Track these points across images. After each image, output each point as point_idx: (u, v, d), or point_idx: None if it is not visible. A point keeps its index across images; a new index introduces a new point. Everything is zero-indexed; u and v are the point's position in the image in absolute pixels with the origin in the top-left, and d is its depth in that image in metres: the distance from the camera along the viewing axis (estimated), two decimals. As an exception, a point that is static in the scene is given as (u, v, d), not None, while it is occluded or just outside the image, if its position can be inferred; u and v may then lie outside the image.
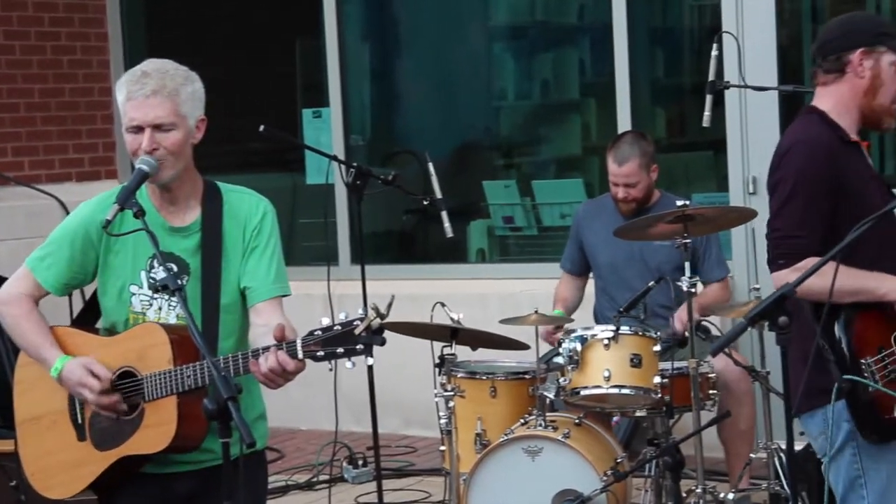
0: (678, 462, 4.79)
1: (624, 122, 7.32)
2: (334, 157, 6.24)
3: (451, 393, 5.55)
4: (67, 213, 7.80)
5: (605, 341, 5.30)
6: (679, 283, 5.28)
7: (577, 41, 8.52)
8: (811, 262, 3.62)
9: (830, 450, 3.83)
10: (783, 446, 5.50)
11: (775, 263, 3.83)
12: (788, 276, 3.65)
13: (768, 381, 5.61)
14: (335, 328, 3.33)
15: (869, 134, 5.16)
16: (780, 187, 3.85)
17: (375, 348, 3.36)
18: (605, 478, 5.07)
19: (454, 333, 5.58)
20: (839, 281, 3.57)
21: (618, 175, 6.02)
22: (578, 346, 5.33)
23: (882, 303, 3.79)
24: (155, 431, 3.52)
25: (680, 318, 5.57)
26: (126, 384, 3.56)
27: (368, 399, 5.39)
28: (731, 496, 5.61)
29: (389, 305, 3.40)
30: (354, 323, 3.32)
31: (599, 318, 6.08)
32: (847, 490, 3.88)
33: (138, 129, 3.55)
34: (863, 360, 3.76)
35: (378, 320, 3.32)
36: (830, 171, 3.79)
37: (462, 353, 5.72)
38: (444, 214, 5.82)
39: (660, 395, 5.26)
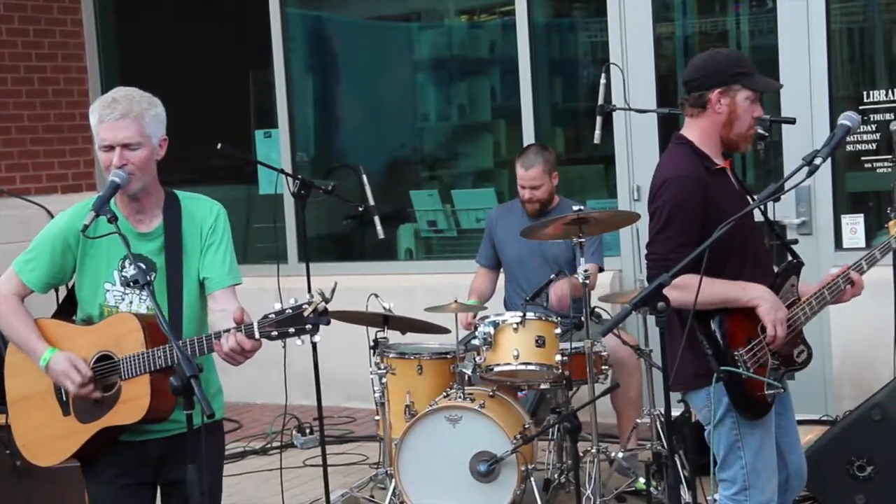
0: (576, 427, 4.80)
1: (529, 140, 7.33)
2: (282, 171, 6.18)
3: (384, 371, 5.54)
4: (53, 220, 7.75)
5: (514, 325, 5.31)
6: (575, 276, 5.31)
7: (489, 72, 8.51)
8: (688, 279, 3.63)
9: (713, 421, 3.87)
10: (664, 412, 5.59)
11: (651, 281, 3.86)
12: (669, 292, 3.56)
13: (651, 357, 5.65)
14: (287, 311, 3.31)
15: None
16: (656, 217, 3.87)
17: (322, 329, 3.35)
18: (514, 441, 5.08)
19: (386, 320, 5.58)
20: (712, 292, 3.64)
21: (524, 178, 6.03)
22: (492, 330, 5.33)
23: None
24: (131, 405, 3.48)
25: (555, 292, 5.58)
26: (105, 365, 3.52)
27: (314, 376, 5.36)
28: (620, 455, 5.65)
29: (333, 290, 3.39)
30: (303, 306, 3.30)
31: (509, 306, 6.08)
32: (728, 452, 3.92)
33: (110, 148, 3.51)
34: (735, 352, 3.80)
35: (324, 303, 3.31)
36: (699, 200, 3.80)
37: (393, 336, 5.72)
38: (377, 219, 5.80)
39: (560, 371, 5.28)
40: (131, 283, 3.50)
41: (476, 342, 5.44)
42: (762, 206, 3.77)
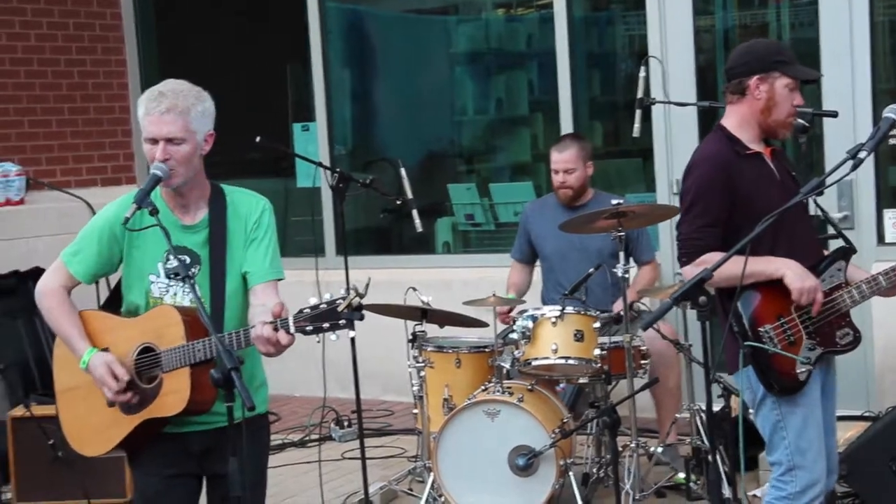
0: (615, 421, 4.79)
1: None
2: (321, 164, 6.21)
3: (423, 364, 5.56)
4: (94, 213, 7.78)
5: (553, 319, 5.30)
6: (615, 270, 5.30)
7: (527, 65, 8.51)
8: (709, 256, 3.79)
9: (755, 402, 3.93)
10: (703, 407, 5.57)
11: (681, 260, 3.97)
12: (692, 270, 3.83)
13: (690, 352, 5.63)
14: (321, 306, 3.33)
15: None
16: (684, 198, 4.00)
17: (357, 324, 3.37)
18: (553, 435, 5.08)
19: (424, 314, 5.58)
20: (735, 268, 3.65)
21: (558, 161, 6.02)
22: (530, 324, 5.33)
23: (778, 280, 3.85)
24: (172, 398, 3.51)
25: (617, 306, 5.61)
26: (147, 358, 3.55)
27: (352, 370, 5.37)
28: (659, 449, 5.63)
29: (367, 286, 3.42)
30: (337, 301, 3.32)
31: (546, 300, 6.08)
32: (772, 433, 3.97)
33: (154, 141, 3.52)
34: (761, 329, 3.81)
35: (358, 299, 3.32)
36: (723, 183, 3.90)
37: (431, 330, 5.72)
38: (415, 213, 5.80)
39: (599, 365, 5.27)
40: (174, 276, 3.52)
41: (514, 336, 5.44)
42: (806, 200, 3.77)
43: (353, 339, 5.16)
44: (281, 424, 7.32)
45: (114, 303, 3.78)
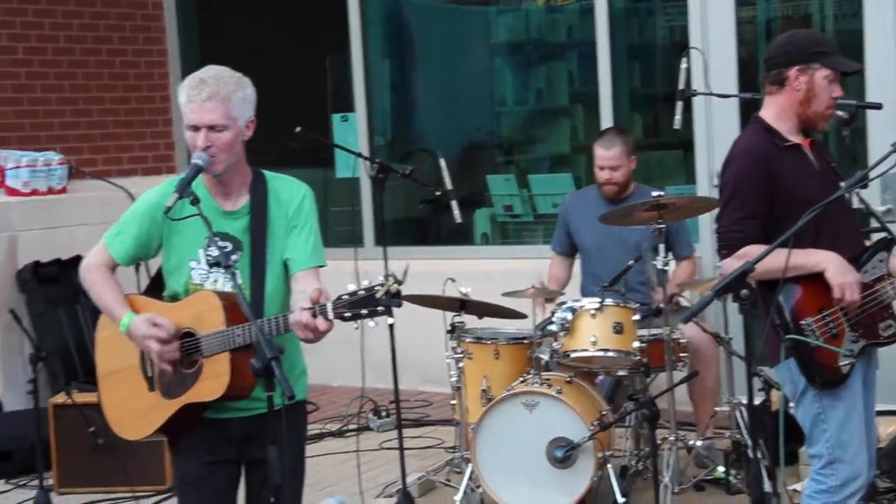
0: (654, 414, 4.77)
1: (607, 125, 7.28)
2: (360, 155, 6.21)
3: (461, 355, 5.55)
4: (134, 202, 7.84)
5: (592, 311, 5.29)
6: (654, 262, 5.27)
7: (567, 56, 8.48)
8: (750, 249, 3.77)
9: (796, 395, 3.91)
10: (743, 401, 5.55)
11: (721, 253, 3.96)
12: (732, 262, 3.82)
13: (730, 345, 5.60)
14: (360, 293, 3.33)
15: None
16: (723, 191, 3.98)
17: (395, 314, 3.36)
18: (591, 427, 5.06)
19: (463, 305, 5.58)
20: (777, 261, 3.64)
21: (604, 159, 5.99)
22: (569, 316, 5.31)
23: (819, 273, 3.82)
24: (212, 382, 3.52)
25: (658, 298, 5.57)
26: (187, 342, 3.56)
27: (390, 360, 5.37)
28: (698, 443, 5.61)
29: (405, 273, 3.41)
30: (376, 288, 3.32)
31: (585, 292, 6.05)
32: (812, 426, 3.94)
33: (195, 129, 3.53)
34: (803, 322, 3.79)
35: (396, 285, 3.32)
36: (762, 175, 3.88)
37: (469, 321, 5.71)
38: (454, 203, 5.78)
39: (638, 357, 5.25)
40: (214, 264, 3.53)
41: (553, 328, 5.42)
42: (849, 193, 3.74)
43: (391, 327, 5.17)
44: (319, 414, 7.33)
45: (155, 289, 3.79)
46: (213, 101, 3.49)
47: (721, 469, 5.46)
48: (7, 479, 6.38)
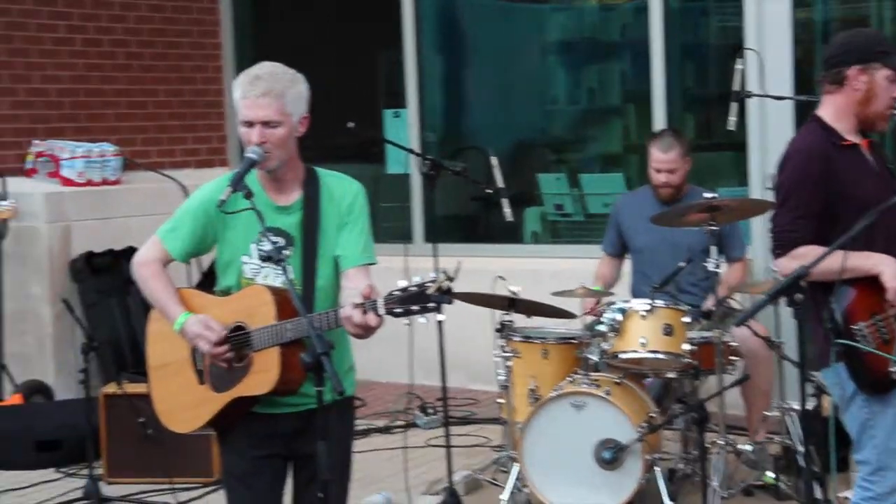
0: (704, 417, 4.73)
1: (659, 125, 7.24)
2: (413, 151, 6.21)
3: (509, 354, 5.53)
4: (187, 194, 7.86)
5: (643, 313, 5.25)
6: (705, 264, 5.23)
7: (620, 55, 8.44)
8: (804, 249, 3.74)
9: (844, 400, 3.86)
10: (794, 406, 5.49)
11: (775, 252, 3.91)
12: (786, 262, 3.79)
13: (782, 349, 5.55)
14: (411, 289, 3.32)
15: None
16: (779, 191, 3.93)
17: (446, 311, 3.36)
18: (640, 429, 5.02)
19: (512, 303, 5.56)
20: (832, 263, 3.60)
21: (662, 161, 5.94)
22: (619, 316, 5.28)
23: (873, 277, 3.78)
24: (262, 377, 3.52)
25: (709, 302, 5.54)
26: (238, 336, 3.57)
27: (438, 357, 5.36)
28: (748, 447, 5.56)
29: (457, 270, 3.39)
30: (427, 284, 3.31)
31: (636, 293, 6.01)
32: (860, 432, 3.89)
33: (249, 124, 3.54)
34: (854, 326, 3.74)
35: (447, 282, 3.30)
36: (819, 175, 3.83)
37: (518, 320, 5.70)
38: (505, 202, 5.77)
39: (688, 360, 5.21)
40: (267, 259, 3.53)
41: (602, 328, 5.39)
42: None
43: (440, 324, 5.16)
44: (366, 410, 7.34)
45: (206, 283, 3.81)
46: (267, 97, 3.50)
47: (770, 474, 5.41)
48: (57, 468, 6.44)
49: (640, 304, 5.28)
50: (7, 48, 7.74)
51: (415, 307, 3.31)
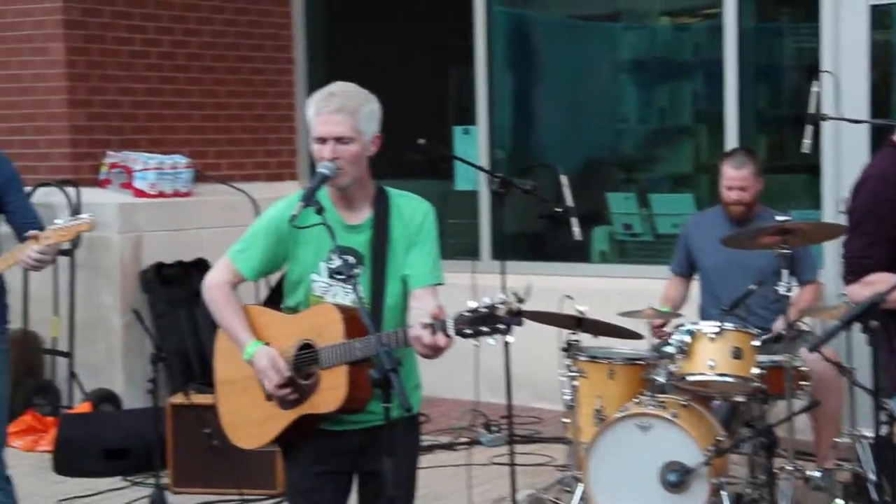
0: (772, 442, 4.69)
1: (731, 146, 7.18)
2: (483, 168, 6.22)
3: (575, 373, 5.51)
4: (257, 207, 7.96)
5: (711, 335, 5.21)
6: (777, 287, 5.18)
7: (692, 74, 8.39)
8: (877, 276, 3.71)
9: None
10: (865, 433, 5.41)
11: (846, 278, 3.89)
12: (858, 289, 3.78)
13: (853, 375, 5.47)
14: (481, 309, 3.32)
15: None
16: (852, 215, 3.91)
17: (514, 329, 3.34)
18: (707, 452, 4.98)
19: (579, 323, 5.54)
20: None
21: (734, 179, 5.91)
22: (688, 338, 5.24)
23: None
24: (329, 395, 3.54)
25: (779, 326, 5.49)
26: (306, 354, 3.59)
27: (503, 374, 5.35)
28: (817, 474, 5.48)
29: (527, 291, 3.39)
30: (497, 305, 3.30)
31: (704, 315, 5.97)
32: None
33: (322, 141, 3.56)
34: None
35: (518, 304, 3.30)
36: (894, 200, 3.78)
37: (584, 339, 5.67)
38: (574, 220, 5.76)
39: (757, 384, 5.15)
40: (336, 276, 3.55)
41: (670, 350, 5.36)
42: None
43: (506, 343, 5.15)
44: (430, 426, 7.33)
45: (274, 300, 3.83)
46: (341, 113, 3.53)
47: (839, 501, 5.33)
48: (124, 476, 6.51)
49: (709, 327, 5.24)
50: (85, 60, 7.85)
51: (484, 328, 3.31)
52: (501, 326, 3.31)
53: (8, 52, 7.97)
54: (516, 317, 3.30)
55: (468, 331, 3.33)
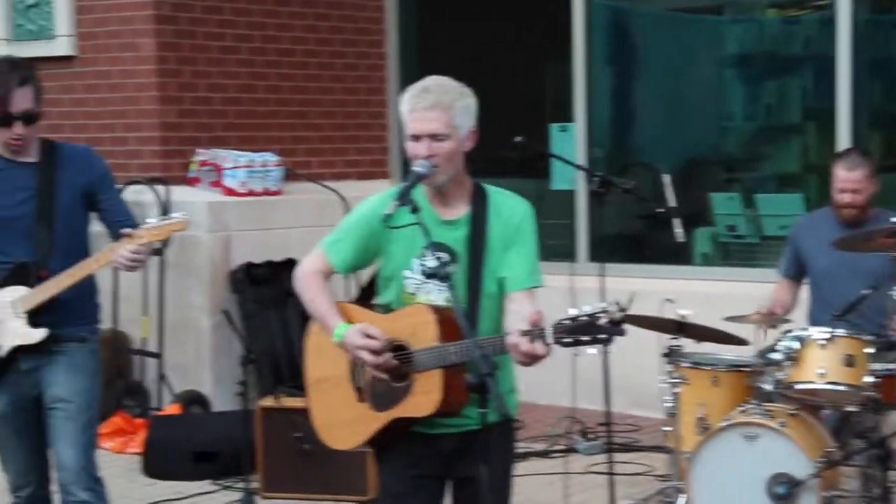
0: (887, 454, 4.60)
1: (842, 144, 7.08)
2: (582, 167, 6.19)
3: (677, 380, 5.47)
4: (347, 206, 8.01)
5: (822, 342, 5.12)
6: (892, 292, 5.08)
7: (801, 69, 8.28)
8: None
9: None
10: None
11: None
12: None
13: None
14: (581, 318, 3.29)
15: None
16: None
17: (615, 339, 3.31)
18: (817, 464, 4.90)
19: (681, 327, 5.48)
20: None
21: (847, 181, 5.81)
22: (796, 345, 5.16)
23: None
24: (423, 398, 3.54)
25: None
26: (399, 356, 3.59)
27: (600, 380, 5.33)
28: (934, 489, 5.37)
29: (630, 301, 3.36)
30: (599, 315, 3.28)
31: (814, 321, 5.86)
32: None
33: (417, 138, 3.57)
34: None
35: (620, 313, 3.27)
36: None
37: (686, 344, 5.62)
38: (677, 221, 5.71)
39: (870, 393, 5.06)
40: (430, 275, 3.55)
41: (778, 357, 5.28)
42: None
43: (606, 352, 5.12)
44: (525, 432, 7.31)
45: (365, 298, 3.85)
46: (435, 109, 3.53)
47: (958, 519, 5.21)
48: (214, 480, 6.58)
49: (819, 333, 5.15)
50: (175, 56, 7.96)
51: (584, 338, 3.29)
52: (602, 336, 3.28)
53: (98, 48, 8.10)
54: (618, 327, 3.27)
55: (567, 340, 3.31)
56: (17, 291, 4.44)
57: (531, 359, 3.36)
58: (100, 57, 8.11)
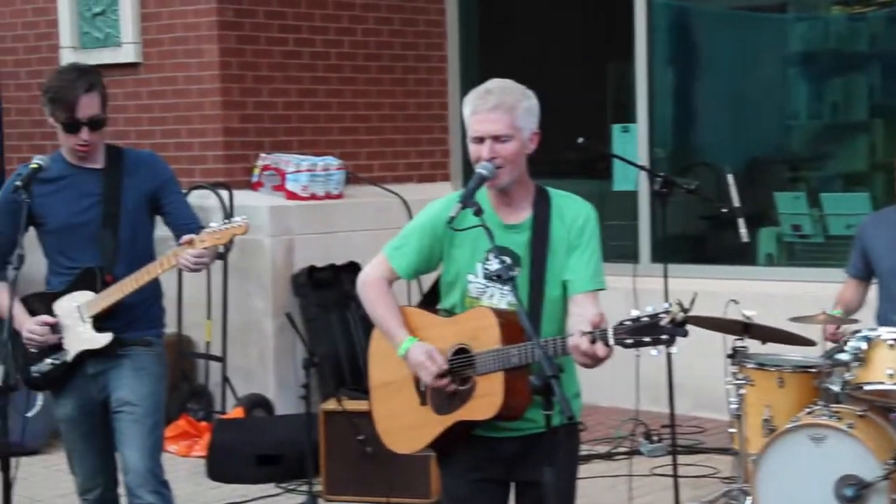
0: (957, 457, 4.53)
1: (910, 142, 6.99)
2: (644, 168, 6.17)
3: (742, 381, 5.43)
4: (409, 209, 8.03)
5: (891, 342, 5.06)
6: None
7: (868, 66, 8.19)
8: None
9: None
10: None
11: None
12: None
13: None
14: (643, 319, 3.28)
15: None
16: None
17: (677, 340, 3.30)
18: (886, 466, 4.84)
19: (746, 328, 5.45)
20: None
21: None
22: (864, 345, 5.11)
23: None
24: (484, 401, 3.54)
25: None
26: (461, 359, 3.60)
27: (663, 381, 5.30)
28: None
29: (692, 302, 3.35)
30: (660, 315, 3.26)
31: (882, 321, 5.79)
32: None
33: (480, 140, 3.57)
34: None
35: (682, 314, 3.25)
36: None
37: (752, 346, 5.58)
38: (741, 221, 5.68)
39: (941, 395, 5.00)
40: (493, 278, 3.55)
41: (844, 357, 5.22)
42: None
43: (669, 354, 5.08)
44: (587, 435, 7.28)
45: (428, 302, 3.86)
46: (498, 110, 3.54)
47: None
48: (277, 483, 6.62)
49: (889, 333, 5.09)
50: (238, 61, 8.02)
51: (646, 339, 3.28)
52: (664, 337, 3.27)
53: (163, 54, 8.19)
54: (680, 327, 3.26)
55: (629, 340, 3.30)
56: (83, 296, 4.50)
57: (592, 360, 3.36)
58: (164, 63, 8.19)
